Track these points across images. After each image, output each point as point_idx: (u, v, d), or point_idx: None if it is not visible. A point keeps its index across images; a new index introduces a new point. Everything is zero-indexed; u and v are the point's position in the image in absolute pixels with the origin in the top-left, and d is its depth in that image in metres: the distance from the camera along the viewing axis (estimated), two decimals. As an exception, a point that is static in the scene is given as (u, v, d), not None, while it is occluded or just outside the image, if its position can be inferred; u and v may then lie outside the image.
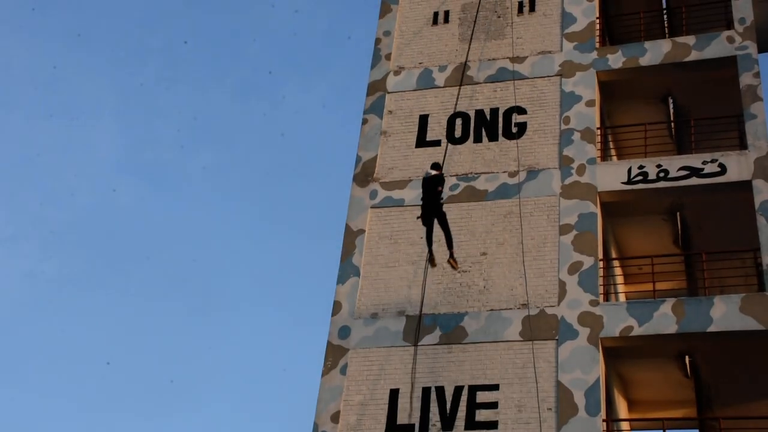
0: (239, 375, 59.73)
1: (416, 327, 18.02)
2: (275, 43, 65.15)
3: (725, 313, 16.85)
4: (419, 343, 17.81)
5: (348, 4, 63.97)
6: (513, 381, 17.05)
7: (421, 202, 17.22)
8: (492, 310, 17.96)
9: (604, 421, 16.36)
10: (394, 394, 17.49)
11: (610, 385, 18.20)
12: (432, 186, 16.91)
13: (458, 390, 17.24)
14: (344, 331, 18.41)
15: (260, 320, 62.01)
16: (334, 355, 18.19)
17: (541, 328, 17.45)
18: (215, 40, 63.74)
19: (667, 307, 17.17)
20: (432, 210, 16.88)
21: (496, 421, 16.68)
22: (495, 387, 17.09)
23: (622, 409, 19.74)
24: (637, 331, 17.08)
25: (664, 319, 17.04)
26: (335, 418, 17.42)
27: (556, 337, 17.28)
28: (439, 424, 16.91)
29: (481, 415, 16.87)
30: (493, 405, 16.90)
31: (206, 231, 62.62)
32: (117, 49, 61.46)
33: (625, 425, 19.53)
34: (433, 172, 17.12)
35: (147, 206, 62.20)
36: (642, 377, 19.40)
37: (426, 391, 17.35)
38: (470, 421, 16.82)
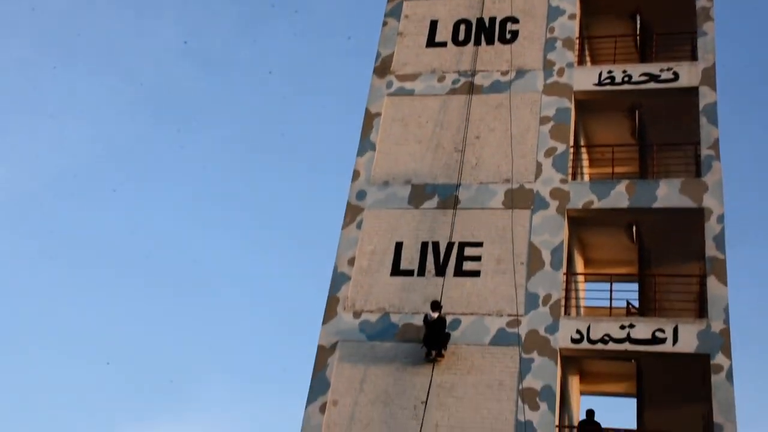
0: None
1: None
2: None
3: (667, 193, 17.42)
4: (421, 207, 18.42)
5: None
6: (495, 240, 17.69)
7: (423, 335, 16.48)
8: (481, 183, 18.44)
9: (564, 274, 17.18)
10: (398, 246, 18.09)
11: (572, 247, 18.86)
12: (438, 328, 16.26)
13: (450, 245, 17.82)
14: (361, 195, 18.95)
15: (293, 185, 59.23)
16: (352, 213, 18.73)
17: (519, 199, 18.01)
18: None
19: (621, 186, 17.75)
20: (435, 344, 16.31)
21: (479, 271, 17.39)
22: (480, 244, 17.70)
23: (580, 266, 20.44)
24: (597, 204, 17.70)
25: (619, 196, 17.65)
26: (351, 262, 18.12)
27: (531, 207, 17.86)
28: (433, 271, 17.57)
29: (468, 266, 17.54)
30: (478, 258, 17.56)
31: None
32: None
33: (580, 278, 20.40)
34: (435, 315, 16.28)
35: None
36: (597, 241, 20.06)
37: (424, 245, 17.92)
38: (459, 270, 17.48)
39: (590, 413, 16.66)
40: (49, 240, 53.68)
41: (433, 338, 16.19)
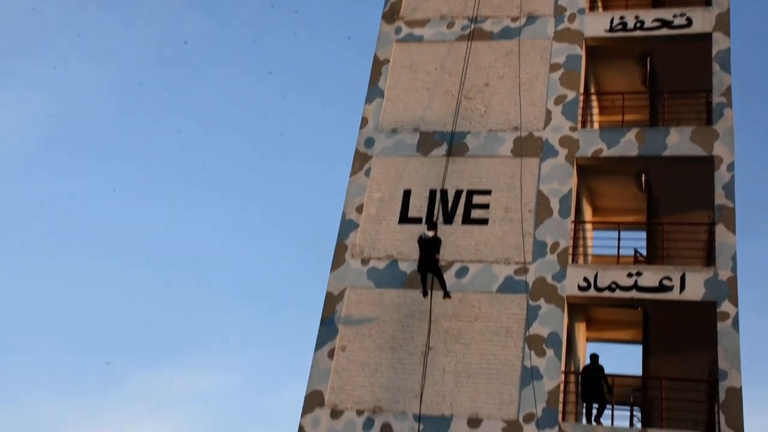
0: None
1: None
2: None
3: (678, 141, 17.34)
4: (429, 155, 18.37)
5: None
6: (503, 188, 17.65)
7: (418, 258, 15.93)
8: (490, 130, 18.35)
9: (572, 222, 17.19)
10: (407, 193, 18.08)
11: (580, 195, 18.82)
12: (429, 249, 15.60)
13: (458, 193, 17.81)
14: (369, 142, 18.87)
15: (301, 135, 59.49)
16: (360, 160, 18.70)
17: (528, 147, 17.92)
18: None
19: (631, 134, 17.65)
20: (428, 267, 15.68)
21: (487, 219, 17.40)
22: (488, 192, 17.68)
23: (588, 214, 20.45)
24: (606, 153, 17.61)
25: (629, 144, 17.55)
26: (359, 209, 18.13)
27: (540, 155, 17.78)
28: (441, 219, 17.59)
29: (476, 214, 17.55)
30: (486, 206, 17.54)
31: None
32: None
33: (588, 227, 20.41)
34: (430, 234, 15.72)
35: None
36: (606, 189, 20.01)
37: (432, 193, 17.90)
38: (467, 218, 17.51)
39: (594, 358, 16.80)
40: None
41: (427, 261, 15.58)
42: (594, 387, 16.36)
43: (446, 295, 16.04)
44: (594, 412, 16.35)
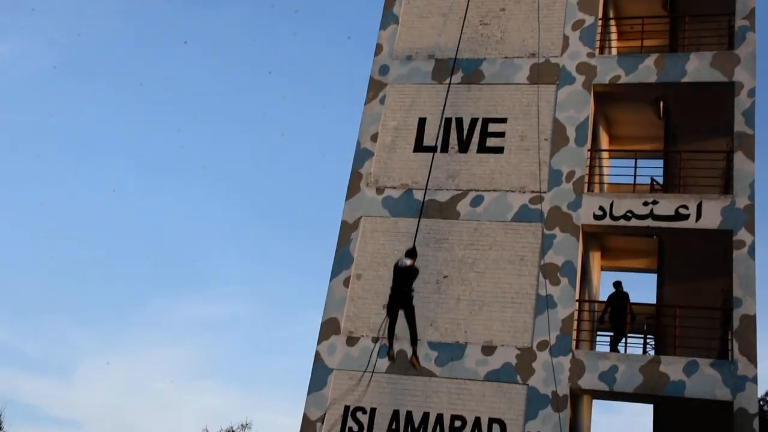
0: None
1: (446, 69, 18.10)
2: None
3: (698, 67, 16.97)
4: (444, 82, 18.04)
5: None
6: (518, 116, 17.45)
7: (390, 290, 13.80)
8: (506, 57, 18.03)
9: (588, 150, 17.01)
10: (422, 121, 17.89)
11: (597, 123, 18.59)
12: (405, 279, 13.36)
13: (473, 121, 17.61)
14: (384, 69, 18.61)
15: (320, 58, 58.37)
16: (375, 88, 18.46)
17: (545, 74, 17.64)
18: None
19: (650, 60, 17.29)
20: (400, 301, 13.34)
21: (503, 147, 17.22)
22: (504, 120, 17.46)
23: (604, 142, 20.24)
24: (624, 79, 17.29)
25: (647, 71, 17.20)
26: (374, 138, 18.00)
27: (557, 82, 17.50)
28: (456, 147, 17.46)
29: (491, 142, 17.38)
30: (501, 134, 17.37)
31: None
32: None
33: (605, 155, 20.20)
34: (408, 262, 13.45)
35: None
36: (623, 117, 19.76)
37: (447, 121, 17.69)
38: (482, 146, 17.35)
39: (618, 284, 16.78)
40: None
41: (400, 294, 13.31)
42: (618, 314, 16.37)
43: (414, 354, 13.99)
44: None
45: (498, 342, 15.66)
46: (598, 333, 18.33)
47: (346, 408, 15.78)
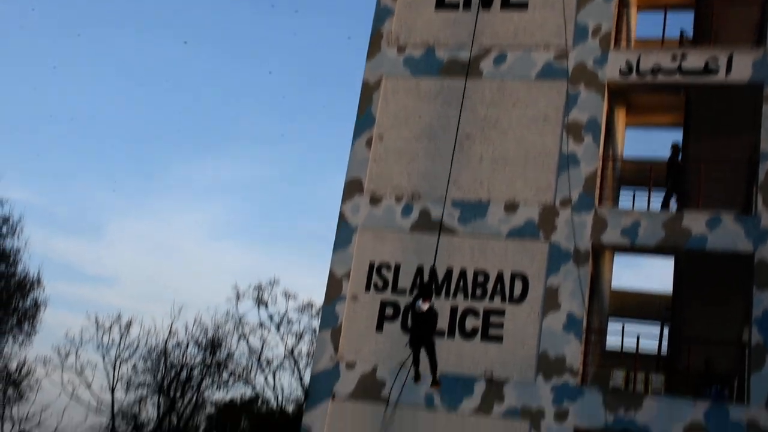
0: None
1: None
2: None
3: None
4: None
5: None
6: None
7: (410, 329, 13.28)
8: None
9: (616, 4, 16.41)
10: None
11: None
12: (423, 326, 12.73)
13: None
14: None
15: None
16: None
17: None
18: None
19: None
20: (421, 340, 12.85)
21: (527, 3, 16.75)
22: None
23: None
24: None
25: None
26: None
27: None
28: (479, 3, 16.83)
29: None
30: None
31: None
32: None
33: (633, 8, 19.40)
34: (425, 307, 12.55)
35: None
36: None
37: None
38: (505, 2, 16.87)
39: (675, 148, 16.26)
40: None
41: (421, 337, 12.80)
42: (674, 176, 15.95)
43: (435, 382, 13.37)
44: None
45: (520, 200, 15.71)
46: (621, 189, 18.28)
47: (371, 265, 16.10)
